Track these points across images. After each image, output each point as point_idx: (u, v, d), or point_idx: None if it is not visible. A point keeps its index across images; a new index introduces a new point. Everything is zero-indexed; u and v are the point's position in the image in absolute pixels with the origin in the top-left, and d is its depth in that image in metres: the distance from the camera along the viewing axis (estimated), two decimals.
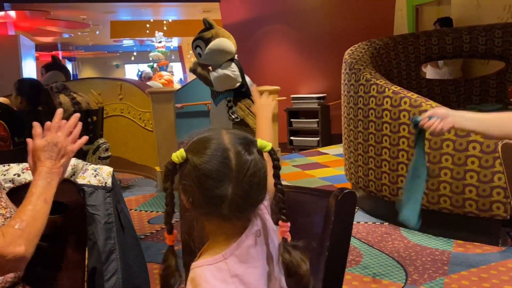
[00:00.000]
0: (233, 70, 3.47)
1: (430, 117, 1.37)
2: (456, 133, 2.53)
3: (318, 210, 0.84)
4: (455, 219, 2.65)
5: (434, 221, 2.75)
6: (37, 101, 3.12)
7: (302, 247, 0.82)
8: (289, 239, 0.82)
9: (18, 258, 0.93)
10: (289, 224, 0.81)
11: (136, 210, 3.75)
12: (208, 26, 3.52)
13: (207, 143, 0.78)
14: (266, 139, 1.13)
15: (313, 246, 0.82)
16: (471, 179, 2.53)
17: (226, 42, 3.49)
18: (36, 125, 1.08)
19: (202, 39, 3.47)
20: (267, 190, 0.92)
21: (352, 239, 2.79)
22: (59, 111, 1.12)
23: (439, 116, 1.34)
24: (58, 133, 1.08)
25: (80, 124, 1.12)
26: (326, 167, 4.89)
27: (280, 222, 0.82)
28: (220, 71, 3.45)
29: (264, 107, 1.27)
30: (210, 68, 3.56)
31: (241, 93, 3.50)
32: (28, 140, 1.09)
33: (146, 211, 3.72)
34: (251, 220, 0.80)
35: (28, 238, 0.95)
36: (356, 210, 3.33)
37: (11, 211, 1.08)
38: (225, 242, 0.79)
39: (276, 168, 0.82)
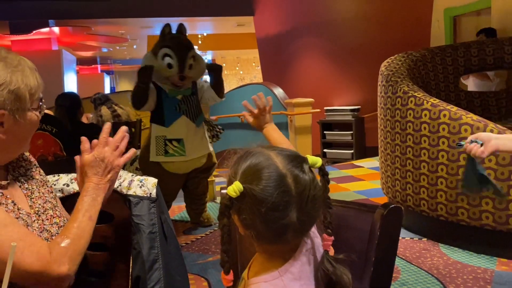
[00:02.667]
0: None
1: (472, 141, 1.37)
2: (498, 161, 2.46)
3: (363, 225, 0.83)
4: (499, 236, 2.56)
5: (475, 238, 2.67)
6: (74, 114, 3.24)
7: (344, 260, 0.81)
8: (331, 252, 0.81)
9: (61, 277, 0.94)
10: (332, 238, 0.81)
11: (172, 220, 3.81)
12: (184, 33, 3.21)
13: (262, 172, 0.74)
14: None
15: (357, 261, 0.82)
16: None
17: None
18: (84, 140, 1.10)
19: (194, 50, 3.17)
20: None
21: None
22: (107, 126, 1.13)
23: (481, 140, 1.34)
24: (105, 148, 1.09)
25: (127, 137, 1.13)
26: (361, 181, 4.83)
27: (324, 236, 0.81)
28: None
29: (269, 119, 1.30)
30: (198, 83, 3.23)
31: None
32: (76, 157, 1.11)
33: (181, 221, 3.77)
34: (305, 237, 0.81)
35: (72, 257, 0.96)
36: None
37: (64, 220, 1.12)
38: (281, 260, 0.79)
39: (327, 182, 0.80)
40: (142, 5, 7.18)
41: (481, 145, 1.36)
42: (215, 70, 3.20)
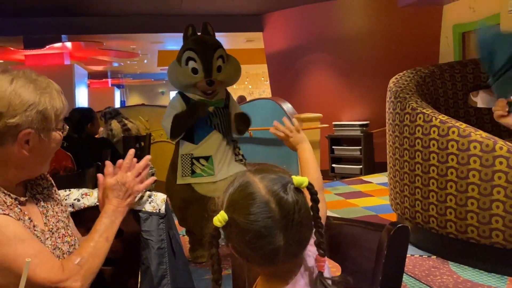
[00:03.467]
0: None
1: (509, 103, 1.33)
2: (509, 164, 2.44)
3: (370, 243, 0.84)
4: (509, 255, 2.53)
5: (486, 256, 2.64)
6: (82, 128, 3.27)
7: (340, 282, 0.80)
8: (325, 273, 0.80)
9: None
10: (325, 259, 0.80)
11: (179, 234, 3.81)
12: (212, 33, 2.84)
13: (245, 200, 0.75)
14: (313, 173, 1.13)
15: (364, 281, 0.82)
16: None
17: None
18: (108, 164, 1.17)
19: (223, 49, 2.77)
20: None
21: None
22: (131, 152, 1.19)
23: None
24: (127, 173, 1.15)
25: (149, 165, 1.20)
26: (369, 196, 4.80)
27: (317, 256, 0.80)
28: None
29: (300, 138, 1.26)
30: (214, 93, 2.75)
31: None
32: (99, 175, 1.17)
33: None
34: (304, 259, 0.81)
35: (85, 276, 0.99)
36: None
37: (75, 239, 1.15)
38: (281, 282, 0.79)
39: (315, 202, 0.79)
40: (153, 20, 7.29)
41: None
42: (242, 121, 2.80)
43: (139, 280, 1.17)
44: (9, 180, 1.04)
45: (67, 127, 1.13)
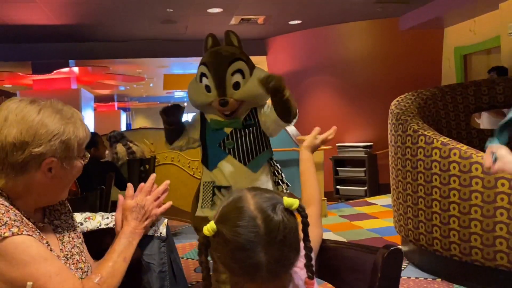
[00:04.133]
0: None
1: (492, 153, 1.35)
2: (511, 186, 2.45)
3: (365, 266, 0.85)
4: None
5: (490, 279, 2.61)
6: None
7: None
8: None
9: None
10: (314, 281, 0.81)
11: (182, 258, 3.81)
12: (236, 43, 2.31)
13: (234, 213, 0.78)
14: (311, 189, 1.14)
15: None
16: None
17: None
18: (129, 186, 1.22)
19: (245, 61, 2.26)
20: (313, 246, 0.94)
21: None
22: (152, 177, 1.24)
23: (498, 156, 1.33)
24: (147, 197, 1.20)
25: (168, 190, 1.24)
26: (374, 218, 4.78)
27: (306, 279, 0.82)
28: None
29: (309, 148, 1.26)
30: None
31: None
32: (120, 196, 1.22)
33: (192, 259, 3.77)
34: (292, 280, 0.82)
35: None
36: (406, 264, 3.23)
37: (88, 266, 1.17)
38: None
39: (305, 225, 0.81)
40: (159, 46, 7.44)
41: (495, 159, 1.34)
42: (271, 85, 2.06)
43: None
44: (29, 205, 1.08)
45: (89, 154, 1.17)
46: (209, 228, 0.79)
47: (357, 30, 6.84)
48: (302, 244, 0.83)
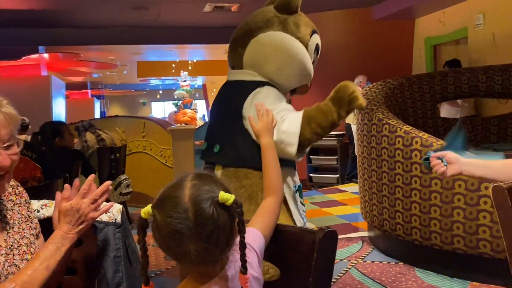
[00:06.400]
0: None
1: (440, 158, 1.39)
2: (467, 187, 2.54)
3: (305, 247, 0.89)
4: (470, 260, 2.62)
5: (448, 262, 2.72)
6: (51, 141, 3.24)
7: None
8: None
9: None
10: (247, 276, 0.84)
11: (154, 246, 3.82)
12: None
13: (168, 201, 0.81)
14: (271, 177, 1.16)
15: (299, 282, 0.87)
16: (484, 219, 2.51)
17: None
18: (66, 187, 1.13)
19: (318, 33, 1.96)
20: (264, 234, 0.97)
21: (365, 278, 2.78)
22: (90, 178, 1.14)
23: (448, 161, 1.37)
24: (83, 200, 1.10)
25: (108, 192, 1.14)
26: (344, 205, 4.89)
27: (240, 274, 0.84)
28: None
29: (263, 129, 1.25)
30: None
31: None
32: (57, 193, 1.14)
33: None
34: (221, 267, 0.85)
35: None
36: (371, 249, 3.33)
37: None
38: (195, 284, 0.84)
39: (240, 222, 0.83)
40: (131, 32, 7.32)
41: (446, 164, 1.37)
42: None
43: (96, 287, 1.20)
44: None
45: (20, 144, 1.10)
46: (146, 211, 0.82)
47: (330, 20, 6.88)
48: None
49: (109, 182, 1.14)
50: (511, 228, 1.18)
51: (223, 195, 0.80)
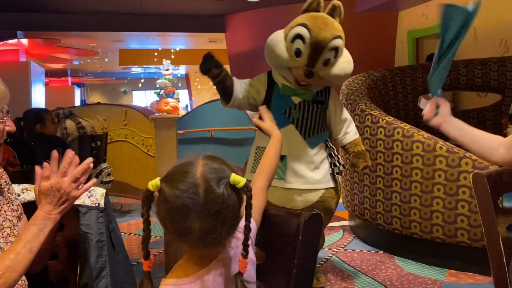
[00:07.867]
0: None
1: (436, 107, 1.40)
2: (448, 163, 2.60)
3: (290, 230, 0.90)
4: (448, 249, 2.68)
5: (427, 250, 2.78)
6: (31, 128, 3.18)
7: (257, 285, 0.87)
8: (247, 274, 0.84)
9: None
10: (247, 261, 0.84)
11: (136, 234, 3.80)
12: (339, 18, 2.29)
13: (181, 175, 0.80)
14: (266, 159, 1.16)
15: (285, 264, 0.88)
16: (463, 208, 2.57)
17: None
18: (45, 166, 1.06)
19: (342, 40, 2.26)
20: (255, 218, 0.97)
21: (346, 266, 2.82)
22: (70, 154, 1.07)
23: (438, 112, 1.39)
24: (64, 178, 1.05)
25: (89, 170, 1.08)
26: None
27: (240, 257, 0.84)
28: None
29: (272, 125, 1.25)
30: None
31: None
32: (37, 168, 1.07)
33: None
34: (222, 249, 0.85)
35: None
36: (352, 238, 3.38)
37: None
38: (195, 266, 0.84)
39: (249, 205, 0.83)
40: (113, 19, 7.20)
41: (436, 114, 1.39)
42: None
43: (78, 272, 1.19)
44: None
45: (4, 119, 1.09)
46: (153, 184, 0.81)
47: None
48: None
49: (90, 159, 1.09)
50: (489, 215, 1.21)
51: (235, 177, 0.80)
